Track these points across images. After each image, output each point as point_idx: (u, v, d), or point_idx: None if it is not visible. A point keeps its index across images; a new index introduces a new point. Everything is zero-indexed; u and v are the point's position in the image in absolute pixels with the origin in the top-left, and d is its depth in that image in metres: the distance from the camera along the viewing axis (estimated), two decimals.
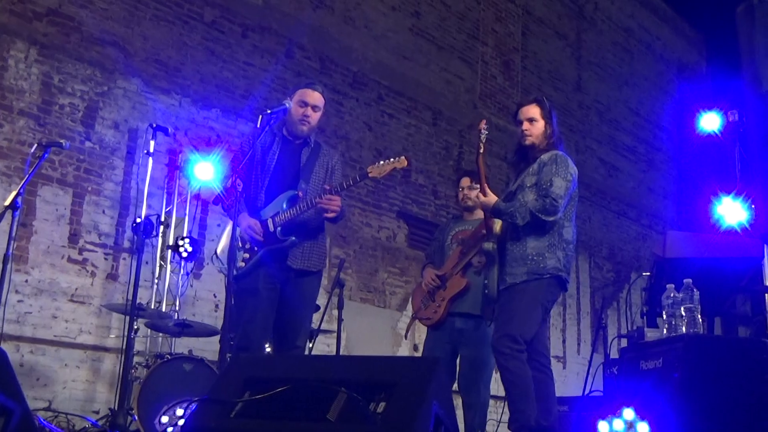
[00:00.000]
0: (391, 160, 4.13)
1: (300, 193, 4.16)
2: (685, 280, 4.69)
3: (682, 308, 4.67)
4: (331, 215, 4.13)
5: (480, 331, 4.84)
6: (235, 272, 4.04)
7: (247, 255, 4.13)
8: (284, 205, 4.14)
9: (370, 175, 4.14)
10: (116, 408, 5.12)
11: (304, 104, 4.23)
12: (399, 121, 9.42)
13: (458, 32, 10.46)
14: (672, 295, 4.74)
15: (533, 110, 4.32)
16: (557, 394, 4.34)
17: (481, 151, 4.31)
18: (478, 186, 4.71)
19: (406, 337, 5.65)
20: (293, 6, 8.50)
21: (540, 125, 4.30)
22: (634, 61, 13.82)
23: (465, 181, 5.17)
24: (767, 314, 6.60)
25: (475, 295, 4.83)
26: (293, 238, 4.11)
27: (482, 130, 4.31)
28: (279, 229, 4.11)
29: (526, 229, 4.13)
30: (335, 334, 6.04)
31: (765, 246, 6.60)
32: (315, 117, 4.27)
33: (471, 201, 5.01)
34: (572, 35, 12.59)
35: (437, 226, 6.37)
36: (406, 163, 4.13)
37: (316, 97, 4.26)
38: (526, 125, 4.31)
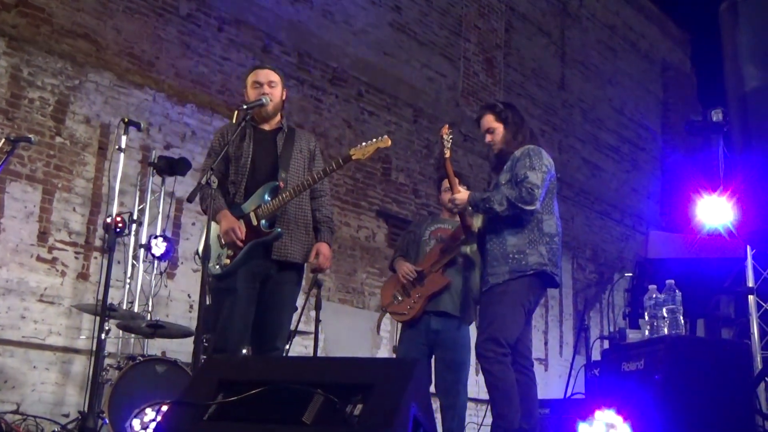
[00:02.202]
0: (374, 140, 4.05)
1: (281, 184, 4.03)
2: (667, 281, 4.67)
3: (664, 309, 4.65)
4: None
5: (456, 332, 4.77)
6: (219, 270, 3.96)
7: (231, 252, 3.99)
8: (266, 197, 4.01)
9: (353, 157, 4.06)
10: (86, 411, 4.99)
11: (258, 84, 4.12)
12: (379, 118, 9.32)
13: (440, 28, 10.38)
14: (654, 296, 4.72)
15: (488, 120, 4.33)
16: (539, 397, 4.29)
17: (447, 156, 4.33)
18: (462, 188, 4.80)
19: (378, 331, 5.55)
20: (271, 0, 8.37)
21: (499, 131, 4.30)
22: (618, 59, 13.82)
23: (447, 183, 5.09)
24: (750, 316, 6.57)
25: (453, 295, 4.76)
26: (279, 229, 3.99)
27: (444, 136, 4.34)
28: (263, 221, 3.98)
29: (504, 226, 4.09)
30: (313, 336, 5.93)
31: (748, 247, 6.57)
32: (275, 92, 4.14)
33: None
34: (556, 32, 12.56)
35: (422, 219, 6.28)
36: (389, 142, 4.08)
37: (266, 73, 4.16)
38: (488, 137, 4.34)
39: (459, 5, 10.75)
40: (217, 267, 3.97)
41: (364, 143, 4.07)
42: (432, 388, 4.78)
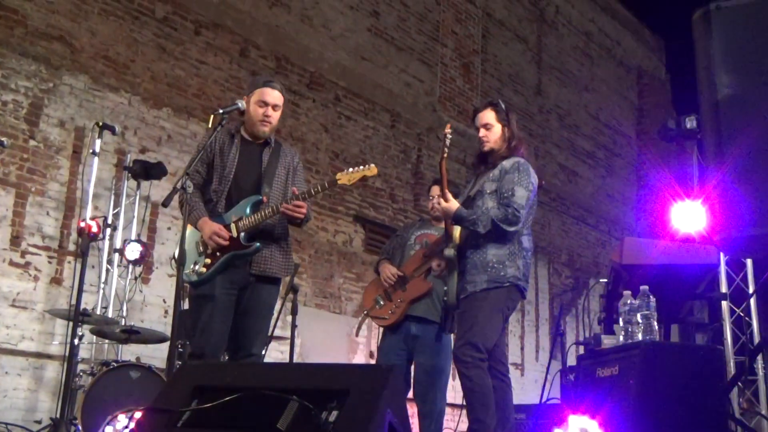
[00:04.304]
0: (361, 168, 4.07)
1: (264, 198, 4.03)
2: (641, 287, 4.69)
3: (639, 315, 4.67)
4: (296, 221, 4.03)
5: (437, 338, 4.75)
6: (196, 278, 3.95)
7: (209, 260, 3.98)
8: (248, 210, 4.00)
9: (339, 182, 4.07)
10: (59, 417, 4.95)
11: (264, 104, 4.10)
12: (356, 123, 9.32)
13: (418, 33, 10.40)
14: (629, 301, 4.74)
15: (488, 115, 4.30)
16: (515, 402, 4.30)
17: (445, 156, 4.29)
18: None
19: (357, 334, 5.53)
20: (249, 3, 8.35)
21: (497, 130, 4.28)
22: (594, 65, 13.94)
23: (435, 190, 5.08)
24: (723, 321, 6.63)
25: (434, 301, 4.75)
26: (257, 244, 3.98)
27: (447, 135, 4.29)
28: (243, 234, 3.97)
29: (486, 237, 4.10)
30: (289, 341, 5.91)
31: (721, 254, 6.63)
32: (276, 116, 4.15)
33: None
34: (533, 38, 12.64)
35: (395, 231, 6.29)
36: (376, 171, 4.09)
37: (275, 95, 4.13)
38: (482, 132, 4.30)
39: (436, 11, 10.78)
40: (194, 275, 3.96)
41: (351, 169, 4.07)
42: (410, 394, 4.79)
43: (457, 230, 4.28)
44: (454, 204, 4.15)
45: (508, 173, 4.13)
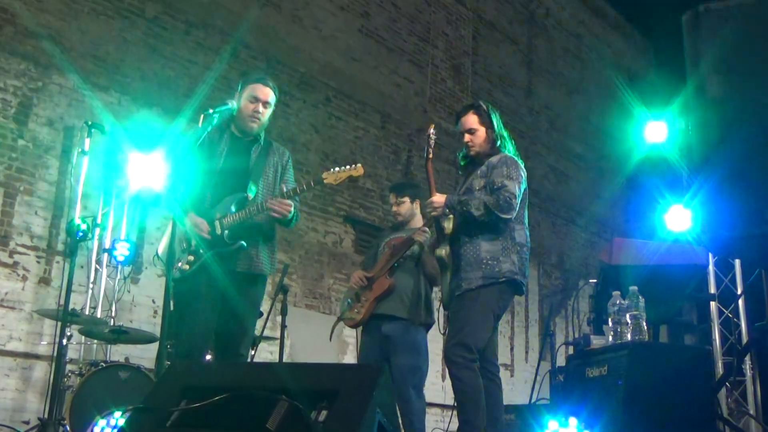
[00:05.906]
0: (347, 167, 4.05)
1: (249, 196, 4.01)
2: (631, 288, 4.71)
3: (628, 315, 4.69)
4: (278, 217, 3.98)
5: (407, 336, 4.78)
6: (179, 274, 3.92)
7: (192, 257, 3.96)
8: (232, 208, 3.98)
9: (325, 181, 4.05)
10: (46, 418, 4.91)
11: (255, 100, 4.09)
12: (347, 124, 9.32)
13: (408, 34, 10.41)
14: (618, 302, 4.76)
15: (470, 120, 4.29)
16: (505, 402, 4.30)
17: (430, 156, 4.33)
18: (404, 200, 4.97)
19: (330, 338, 5.59)
20: (239, 3, 8.34)
21: (480, 133, 4.28)
22: (584, 67, 13.97)
23: (391, 198, 5.15)
24: (712, 322, 6.67)
25: (402, 297, 4.78)
26: (242, 242, 3.95)
27: (431, 135, 4.33)
28: (227, 232, 3.94)
29: (479, 232, 4.09)
30: (278, 342, 5.91)
31: (710, 254, 6.67)
32: (266, 113, 4.14)
33: (401, 216, 5.05)
34: (523, 40, 12.67)
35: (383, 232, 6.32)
36: (362, 171, 4.07)
37: (267, 92, 4.13)
38: (467, 137, 4.31)
39: (427, 12, 10.79)
40: (176, 271, 3.93)
41: (337, 168, 4.06)
42: None
43: (448, 228, 4.26)
44: (442, 196, 4.17)
45: (496, 168, 4.12)
